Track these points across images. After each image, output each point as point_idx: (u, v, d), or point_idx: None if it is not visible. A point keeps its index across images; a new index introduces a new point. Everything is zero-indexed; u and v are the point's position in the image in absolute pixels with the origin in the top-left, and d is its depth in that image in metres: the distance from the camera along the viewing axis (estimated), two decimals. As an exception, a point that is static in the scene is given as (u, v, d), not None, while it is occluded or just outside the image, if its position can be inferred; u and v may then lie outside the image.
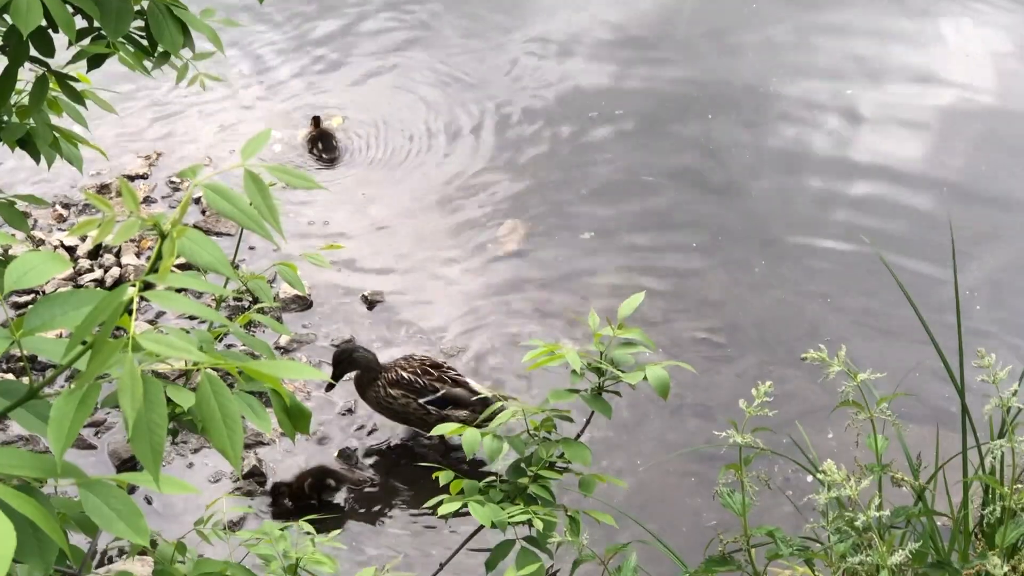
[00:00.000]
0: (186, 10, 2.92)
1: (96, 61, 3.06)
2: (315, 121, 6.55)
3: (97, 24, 2.84)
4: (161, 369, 1.65)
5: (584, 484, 3.18)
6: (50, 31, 2.83)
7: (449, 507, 3.02)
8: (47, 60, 3.07)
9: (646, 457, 4.84)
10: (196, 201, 6.05)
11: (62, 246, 5.76)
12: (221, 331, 2.84)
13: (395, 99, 6.94)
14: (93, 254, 5.75)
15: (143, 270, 1.99)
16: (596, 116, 6.71)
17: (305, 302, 5.57)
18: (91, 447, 4.85)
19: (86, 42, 3.03)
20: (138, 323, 1.50)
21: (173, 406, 1.65)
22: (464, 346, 5.38)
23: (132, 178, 6.27)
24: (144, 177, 6.32)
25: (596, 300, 5.49)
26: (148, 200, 6.16)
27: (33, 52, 2.90)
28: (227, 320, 1.96)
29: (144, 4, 2.86)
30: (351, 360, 4.85)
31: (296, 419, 2.18)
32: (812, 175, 6.29)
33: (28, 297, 5.43)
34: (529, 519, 3.02)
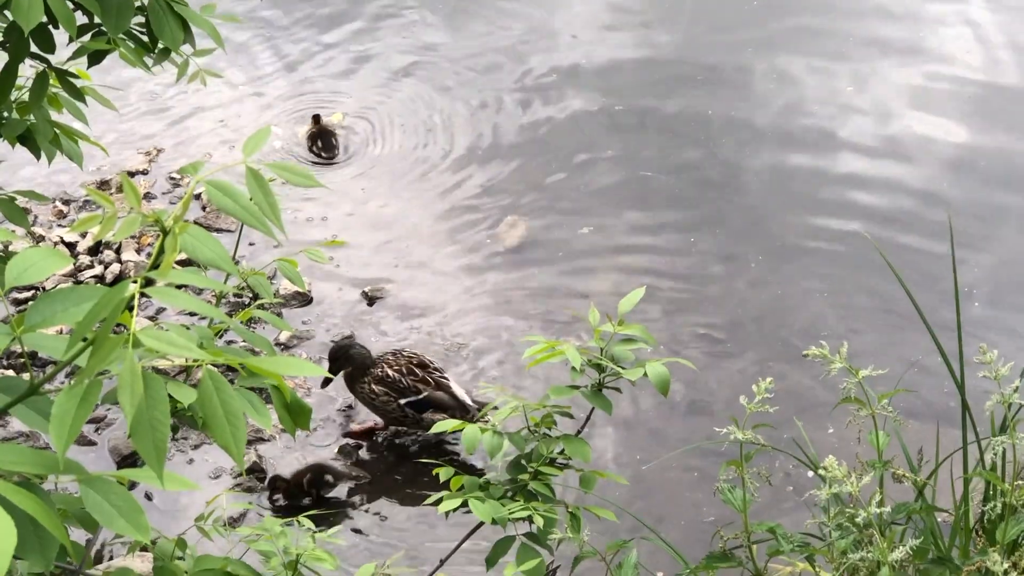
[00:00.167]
0: (186, 6, 2.91)
1: (97, 57, 3.06)
2: (315, 118, 6.54)
3: (98, 20, 2.83)
4: (162, 365, 1.65)
5: (584, 480, 3.17)
6: (51, 27, 2.82)
7: (450, 504, 3.02)
8: (47, 56, 3.07)
9: (647, 453, 4.85)
10: (196, 197, 6.04)
11: (62, 242, 5.76)
12: (221, 327, 2.84)
13: (396, 96, 6.93)
14: (93, 250, 5.75)
15: (143, 266, 1.99)
16: (596, 112, 6.70)
17: (305, 298, 5.57)
18: (91, 443, 4.86)
19: (86, 38, 3.02)
20: (139, 319, 1.50)
21: (174, 402, 1.65)
22: (464, 342, 5.38)
23: (132, 174, 6.27)
24: (144, 173, 6.32)
25: (596, 296, 5.49)
26: (148, 196, 6.16)
27: (34, 48, 2.90)
28: (227, 317, 1.96)
29: (145, 0, 2.85)
30: (347, 356, 4.86)
31: (296, 415, 2.18)
32: (811, 171, 6.28)
33: (28, 293, 5.43)
34: (529, 515, 3.02)
